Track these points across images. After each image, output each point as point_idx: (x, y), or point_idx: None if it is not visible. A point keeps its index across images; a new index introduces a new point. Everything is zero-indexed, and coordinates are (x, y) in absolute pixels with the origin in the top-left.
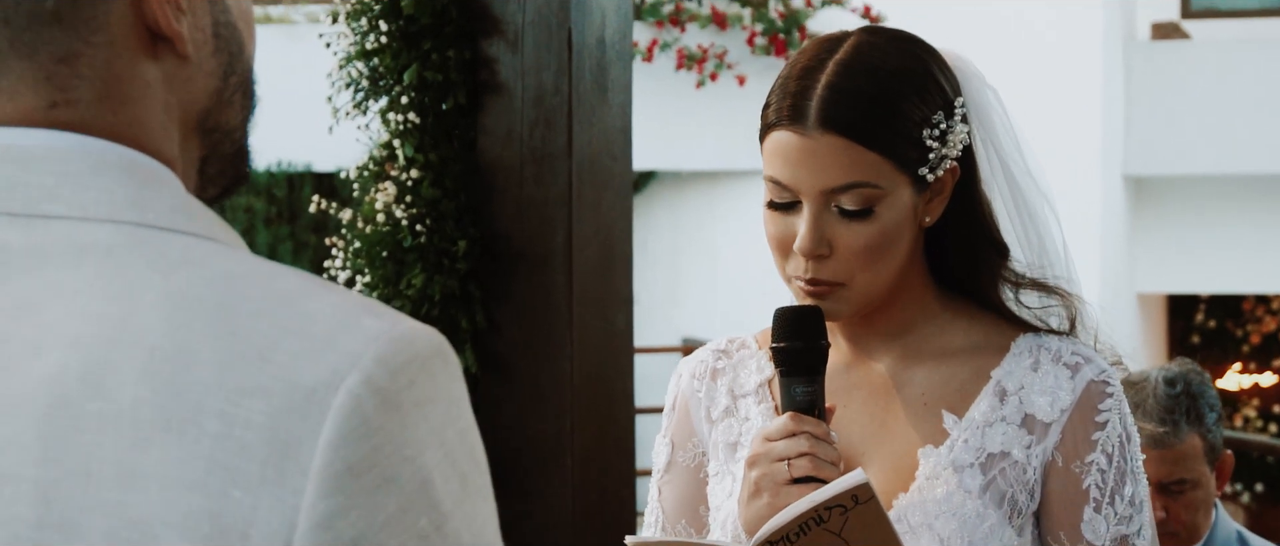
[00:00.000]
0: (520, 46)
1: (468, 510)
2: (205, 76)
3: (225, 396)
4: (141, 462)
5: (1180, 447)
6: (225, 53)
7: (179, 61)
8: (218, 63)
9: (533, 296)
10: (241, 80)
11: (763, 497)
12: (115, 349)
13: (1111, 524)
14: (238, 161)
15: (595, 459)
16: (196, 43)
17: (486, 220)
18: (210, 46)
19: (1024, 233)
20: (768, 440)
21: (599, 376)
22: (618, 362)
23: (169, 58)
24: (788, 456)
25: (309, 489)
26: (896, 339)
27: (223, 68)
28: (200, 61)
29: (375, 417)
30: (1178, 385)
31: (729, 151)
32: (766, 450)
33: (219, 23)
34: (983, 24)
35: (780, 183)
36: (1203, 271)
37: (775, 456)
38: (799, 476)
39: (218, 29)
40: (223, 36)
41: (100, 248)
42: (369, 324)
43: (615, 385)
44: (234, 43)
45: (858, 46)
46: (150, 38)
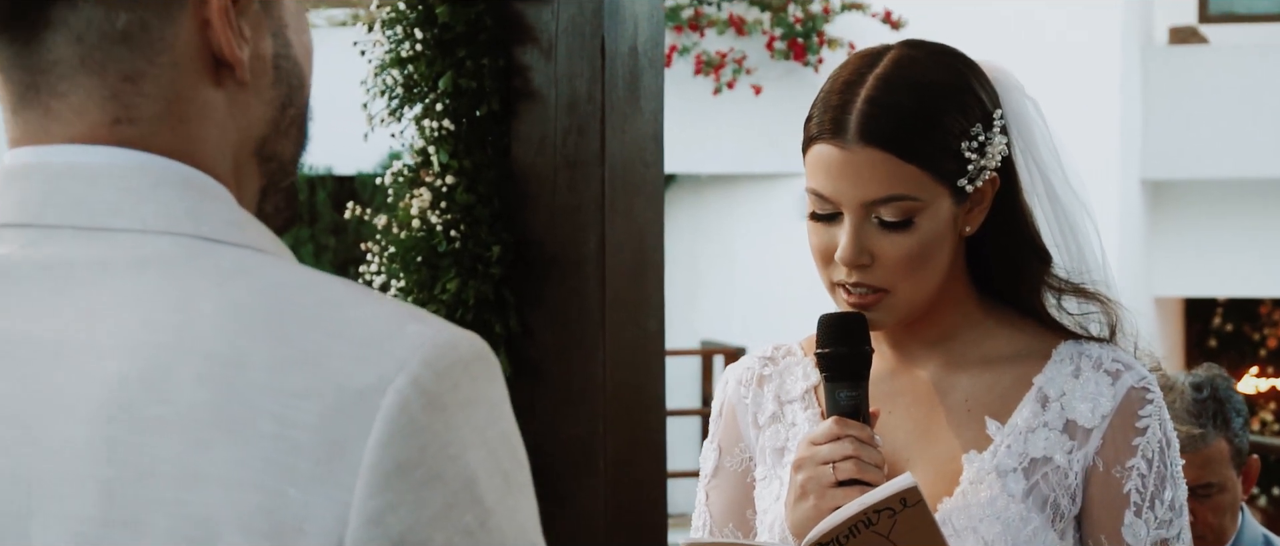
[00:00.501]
0: (554, 54)
1: (510, 506)
2: (263, 105)
3: (279, 399)
4: (201, 463)
5: (1207, 451)
6: (284, 85)
7: (238, 88)
8: (276, 94)
9: (565, 301)
10: (298, 114)
11: (809, 500)
12: (174, 355)
13: (1152, 527)
14: (291, 198)
15: (627, 462)
16: (256, 72)
17: (520, 226)
18: (270, 77)
19: (1063, 241)
20: (813, 444)
21: (631, 380)
22: (649, 366)
23: (230, 83)
24: (833, 460)
25: (359, 486)
26: (939, 346)
27: (281, 99)
28: (259, 90)
29: (421, 418)
30: (1205, 390)
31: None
32: (812, 454)
33: (280, 56)
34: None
35: (822, 195)
36: (1220, 275)
37: (821, 460)
38: (844, 479)
39: (278, 61)
40: (283, 69)
41: (160, 259)
42: (414, 329)
43: (647, 389)
44: (294, 77)
45: (897, 60)
46: (213, 63)
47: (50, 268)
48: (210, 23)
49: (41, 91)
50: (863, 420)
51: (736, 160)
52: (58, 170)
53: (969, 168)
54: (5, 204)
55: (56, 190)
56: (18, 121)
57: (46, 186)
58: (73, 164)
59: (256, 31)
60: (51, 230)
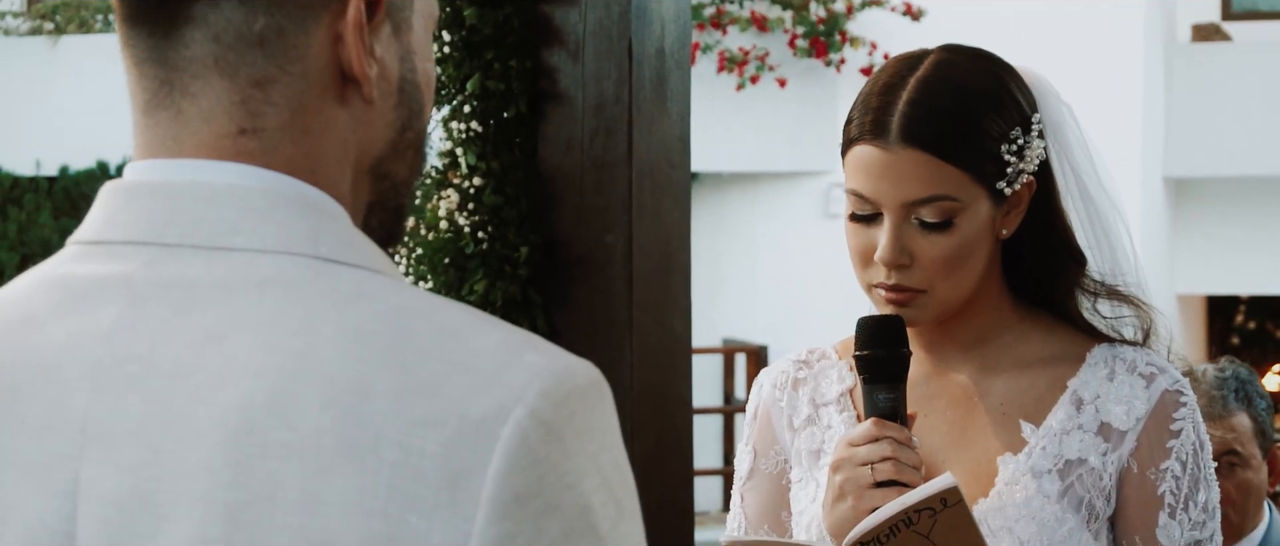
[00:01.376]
0: (581, 56)
1: (622, 532)
2: (385, 125)
3: (402, 427)
4: (323, 489)
5: (1229, 421)
6: (406, 108)
7: (363, 105)
8: (398, 115)
9: (592, 302)
10: (416, 137)
11: (847, 501)
12: (297, 380)
13: (1186, 529)
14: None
15: (654, 462)
16: (382, 91)
17: (547, 227)
18: (394, 99)
19: (1097, 243)
20: (851, 445)
21: (657, 381)
22: (676, 367)
23: (355, 100)
24: (871, 461)
25: (479, 515)
26: (975, 349)
27: (402, 121)
28: (382, 110)
29: (540, 448)
30: (1227, 371)
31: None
32: (850, 455)
33: (405, 79)
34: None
35: (862, 195)
36: (1243, 273)
37: (859, 461)
38: (882, 480)
39: (403, 84)
40: (406, 92)
41: (280, 280)
42: (532, 359)
43: (673, 389)
44: (415, 101)
45: (938, 64)
46: (340, 78)
47: (172, 287)
48: (343, 38)
49: (175, 90)
50: (901, 422)
51: (758, 158)
52: (178, 188)
53: (1008, 170)
54: (127, 220)
55: (177, 209)
56: (148, 125)
57: (168, 204)
58: (194, 183)
59: (386, 52)
60: (172, 249)
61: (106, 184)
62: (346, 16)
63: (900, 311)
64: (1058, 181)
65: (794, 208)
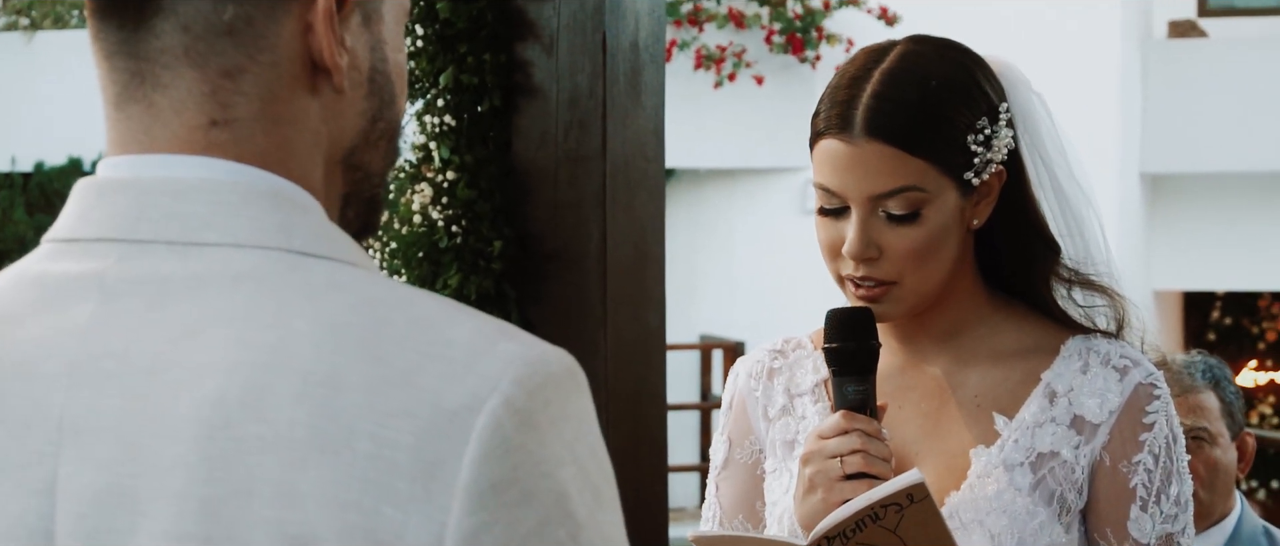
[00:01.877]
0: (555, 50)
1: (600, 520)
2: (356, 115)
3: (375, 419)
4: (299, 481)
5: (1197, 398)
6: (377, 98)
7: (334, 95)
8: (370, 105)
9: (567, 296)
10: (388, 128)
11: (816, 493)
12: (271, 374)
13: (1157, 522)
14: (373, 208)
15: (629, 456)
16: (353, 81)
17: (521, 221)
18: (364, 88)
19: (1069, 233)
20: (821, 438)
21: (632, 375)
22: (650, 361)
23: (326, 90)
24: (840, 453)
25: (455, 505)
26: (948, 341)
27: (373, 111)
28: (354, 99)
29: (515, 436)
30: (1197, 356)
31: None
32: (820, 447)
33: (376, 69)
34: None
35: (829, 189)
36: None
37: (828, 453)
38: (851, 473)
39: (374, 74)
40: (377, 82)
41: (253, 274)
42: (506, 347)
43: (648, 383)
44: (387, 91)
45: (903, 55)
46: (311, 68)
47: (145, 283)
48: (313, 27)
49: (145, 81)
50: (870, 414)
51: (735, 155)
52: (149, 184)
53: (975, 161)
54: (99, 217)
55: (148, 205)
56: (119, 118)
57: (139, 200)
58: (164, 178)
59: (356, 42)
60: (144, 245)
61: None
62: (316, 6)
63: (872, 307)
64: (1028, 170)
65: (771, 204)
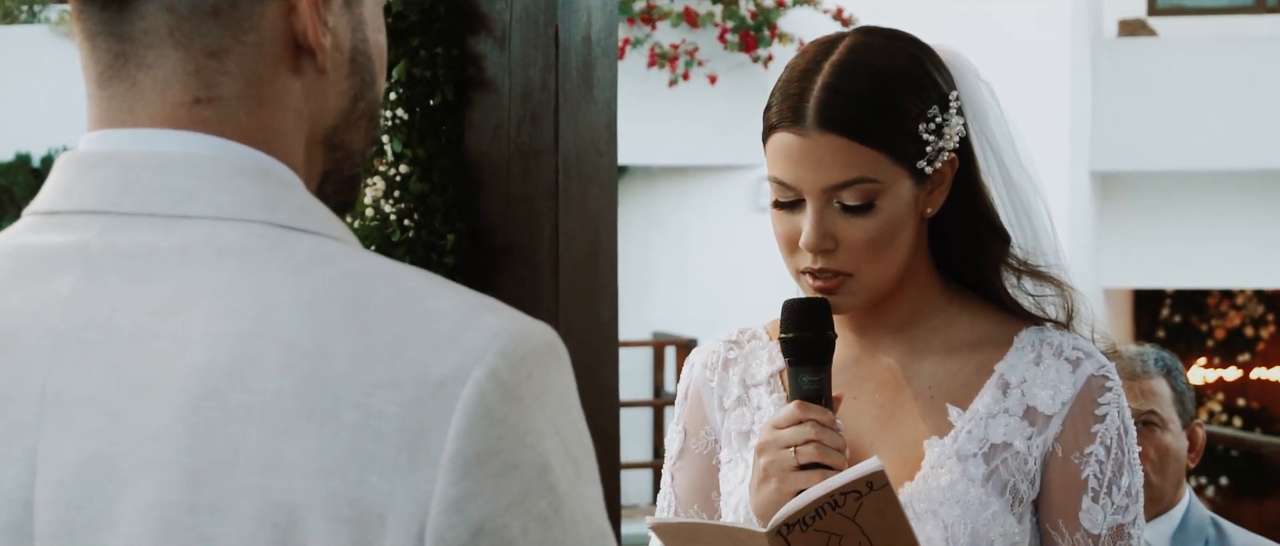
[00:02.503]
0: (507, 43)
1: (581, 492)
2: (337, 95)
3: (361, 389)
4: (285, 450)
5: (1148, 383)
6: (358, 78)
7: (317, 75)
8: (351, 85)
9: (519, 290)
10: (369, 107)
11: (771, 483)
12: (257, 344)
13: (1109, 513)
14: (351, 187)
15: None
16: (335, 61)
17: (474, 215)
18: (346, 68)
19: (1018, 221)
20: (775, 428)
21: (584, 369)
22: (603, 356)
23: (308, 70)
24: (794, 443)
25: (440, 475)
26: (903, 332)
27: (355, 90)
28: (335, 79)
29: (499, 408)
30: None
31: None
32: (774, 437)
33: (357, 49)
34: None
35: (783, 182)
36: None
37: (783, 443)
38: (805, 462)
39: (355, 54)
40: (358, 62)
41: (238, 247)
42: (490, 320)
43: (600, 378)
44: (368, 72)
45: (852, 47)
46: (294, 48)
47: (130, 256)
48: (297, 8)
49: (129, 61)
50: (825, 404)
51: (689, 152)
52: (134, 158)
53: (927, 149)
54: (82, 190)
55: (133, 178)
56: (103, 96)
57: (123, 174)
58: (149, 152)
59: (339, 22)
60: (129, 218)
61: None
62: None
63: (829, 298)
64: (978, 158)
65: (724, 201)
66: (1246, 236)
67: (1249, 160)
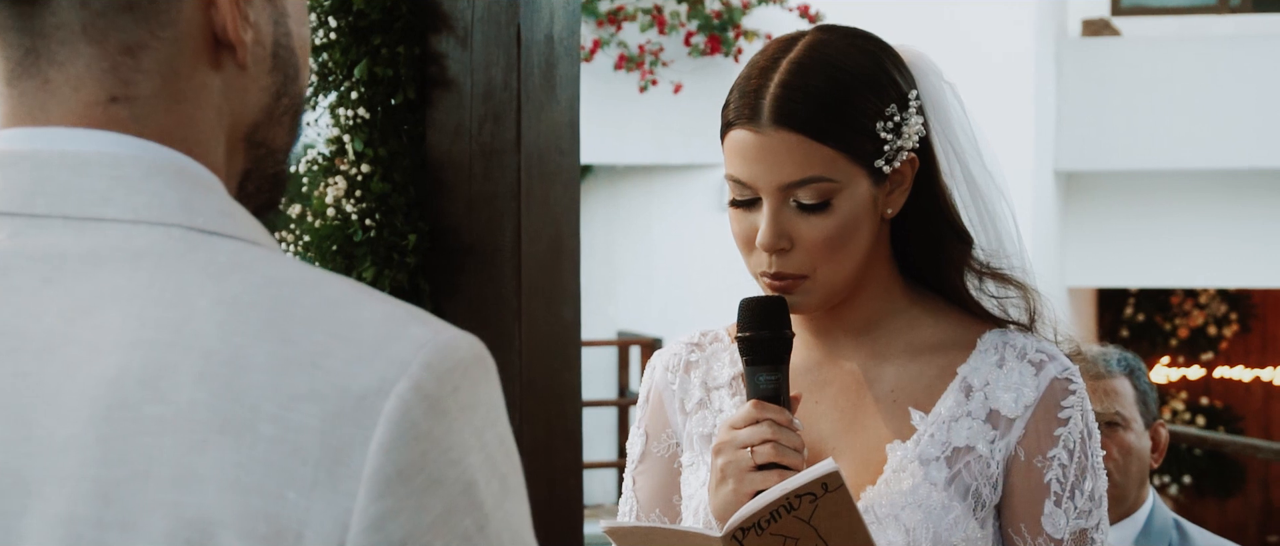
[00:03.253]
0: (470, 42)
1: (507, 510)
2: (259, 91)
3: (280, 401)
4: (199, 464)
5: (1110, 383)
6: (281, 73)
7: (237, 71)
8: (273, 80)
9: (482, 290)
10: (292, 103)
11: (728, 484)
12: (172, 352)
13: (1071, 517)
14: (276, 184)
15: (544, 451)
16: (256, 57)
17: (436, 214)
18: (268, 63)
19: (981, 223)
20: (733, 428)
21: (547, 369)
22: (566, 355)
23: (228, 66)
24: (751, 443)
25: (361, 492)
26: (865, 335)
27: (277, 86)
28: (257, 75)
29: (423, 422)
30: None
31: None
32: (731, 437)
33: (279, 43)
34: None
35: (740, 180)
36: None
37: (739, 443)
38: (762, 463)
39: (278, 49)
40: (281, 57)
41: (154, 251)
42: (415, 331)
43: (563, 378)
44: (290, 67)
45: (810, 45)
46: (214, 43)
47: (41, 259)
48: (216, 2)
49: (41, 58)
50: (783, 404)
51: (653, 151)
52: (47, 158)
53: (885, 148)
54: None
55: (45, 178)
56: (13, 94)
57: (35, 174)
58: (63, 152)
59: (259, 16)
60: (41, 220)
61: None
62: None
63: (786, 298)
64: (939, 159)
65: (689, 201)
66: (1210, 235)
67: (1213, 159)
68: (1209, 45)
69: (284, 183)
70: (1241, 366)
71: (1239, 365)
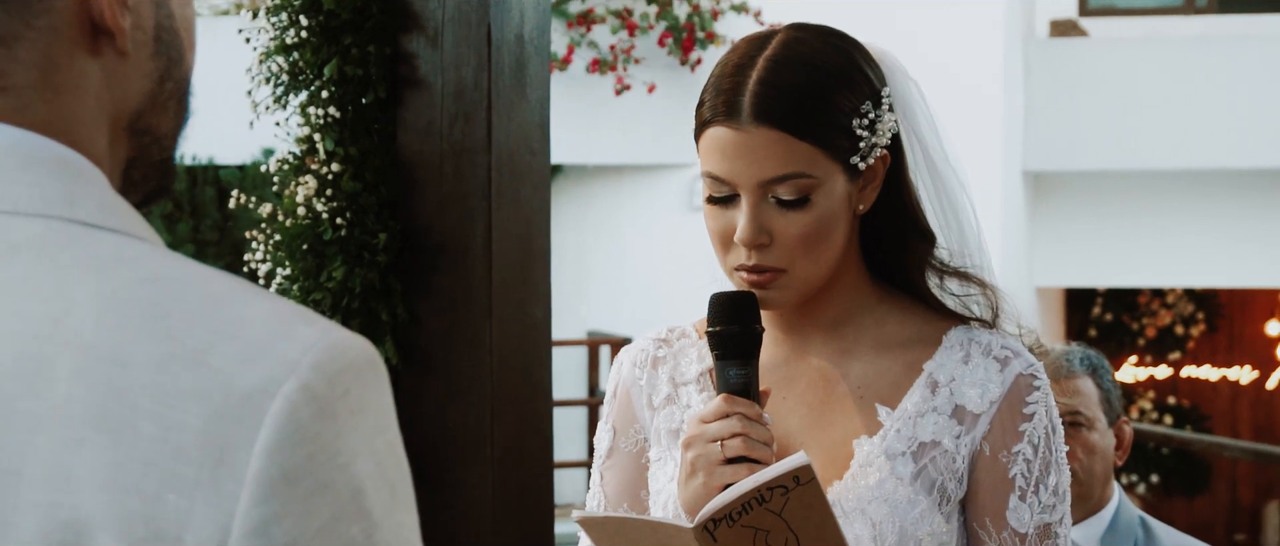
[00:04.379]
0: (440, 42)
1: (396, 520)
2: (141, 77)
3: (161, 398)
4: (75, 462)
5: (1073, 383)
6: (164, 56)
7: (117, 58)
8: (156, 65)
9: (453, 289)
10: (178, 87)
11: (698, 477)
12: (48, 347)
13: (1036, 512)
14: (163, 170)
15: (514, 450)
16: (137, 42)
17: (407, 213)
18: (150, 48)
19: (944, 219)
20: (702, 422)
21: (518, 368)
22: (536, 354)
23: (108, 53)
24: (721, 437)
25: (244, 494)
26: (834, 331)
27: (160, 71)
28: (138, 61)
29: (311, 425)
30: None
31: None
32: (701, 431)
33: (161, 26)
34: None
35: (718, 177)
36: (1100, 265)
37: (709, 437)
38: (732, 456)
39: (160, 32)
40: (164, 40)
41: (32, 244)
42: (304, 331)
43: (534, 377)
44: (175, 48)
45: (786, 42)
46: (92, 30)
47: None
48: None
49: None
50: (753, 398)
51: (624, 151)
52: None
53: (861, 144)
54: None
55: None
56: None
57: None
58: None
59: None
60: None
61: None
62: None
63: (761, 294)
64: (907, 156)
65: (659, 200)
66: (1177, 235)
67: (1180, 160)
68: (1176, 46)
69: (172, 170)
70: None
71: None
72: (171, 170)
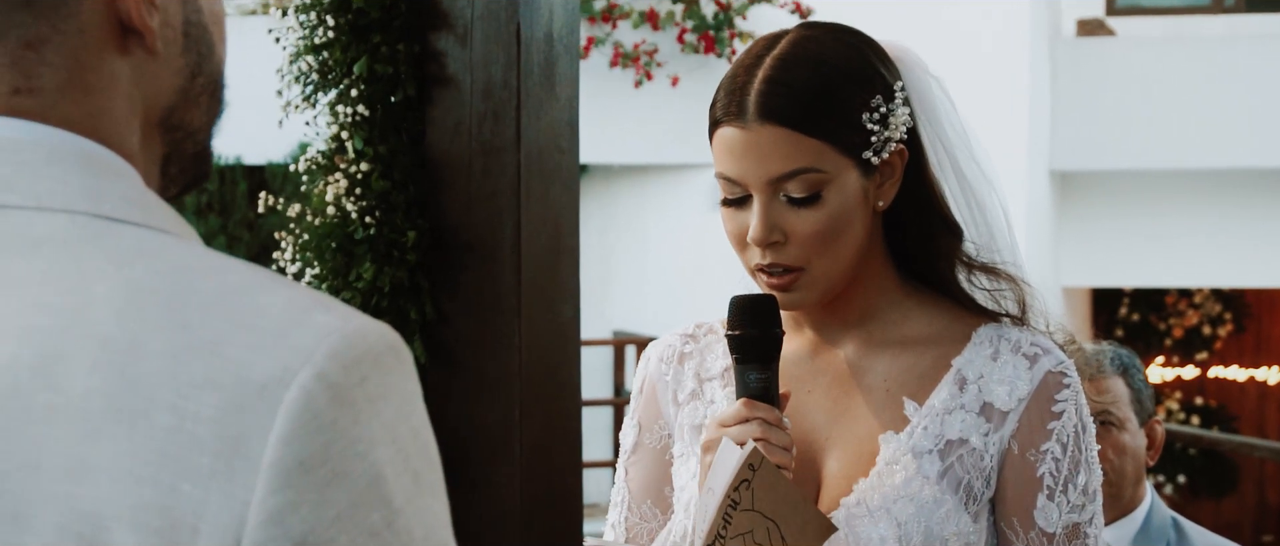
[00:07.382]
0: (469, 40)
1: (420, 507)
2: (172, 74)
3: (177, 389)
4: (92, 454)
5: (1104, 382)
6: (194, 52)
7: (147, 56)
8: (186, 61)
9: (481, 288)
10: (209, 81)
11: None
12: (67, 340)
13: (1064, 511)
14: (200, 162)
15: (543, 449)
16: (166, 39)
17: (436, 212)
18: (179, 44)
19: (972, 217)
20: (721, 426)
21: (546, 367)
22: (565, 353)
23: (138, 52)
24: (740, 441)
25: (259, 484)
26: (860, 326)
27: (191, 66)
28: (168, 58)
29: (327, 413)
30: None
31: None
32: (720, 435)
33: (190, 22)
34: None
35: (729, 178)
36: (1127, 265)
37: None
38: None
39: (188, 27)
40: (193, 36)
41: (55, 239)
42: (321, 319)
43: (562, 376)
44: (204, 43)
45: (795, 41)
46: (120, 30)
47: None
48: None
49: None
50: (772, 402)
51: (648, 151)
52: None
53: (873, 139)
54: None
55: None
56: None
57: None
58: None
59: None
60: None
61: None
62: None
63: (783, 296)
64: (927, 152)
65: (684, 200)
66: (1204, 235)
67: (1207, 159)
68: (1203, 45)
69: (208, 160)
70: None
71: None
72: (208, 161)
